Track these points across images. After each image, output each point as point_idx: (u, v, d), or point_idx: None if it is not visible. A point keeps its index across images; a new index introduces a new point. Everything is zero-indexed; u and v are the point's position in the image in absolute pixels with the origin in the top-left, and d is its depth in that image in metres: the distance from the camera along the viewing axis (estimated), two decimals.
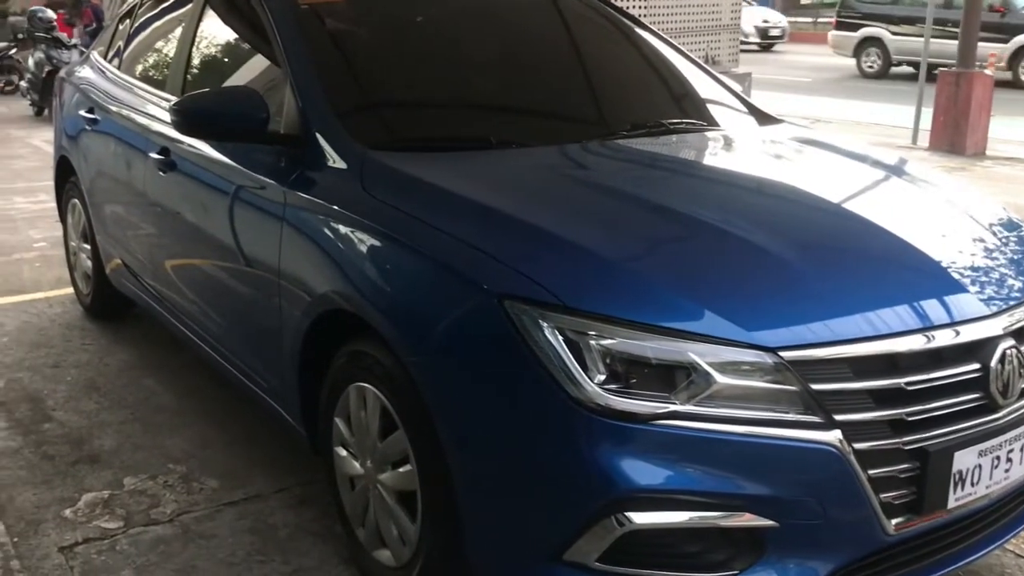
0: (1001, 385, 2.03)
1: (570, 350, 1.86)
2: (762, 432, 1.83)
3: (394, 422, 2.24)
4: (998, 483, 2.06)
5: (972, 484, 2.01)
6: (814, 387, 1.85)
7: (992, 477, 2.04)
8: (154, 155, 3.34)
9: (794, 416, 1.85)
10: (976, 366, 2.02)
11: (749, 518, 1.86)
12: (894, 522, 1.93)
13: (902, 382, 1.92)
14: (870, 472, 1.87)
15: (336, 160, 2.56)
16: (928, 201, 2.68)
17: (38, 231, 6.16)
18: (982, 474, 2.02)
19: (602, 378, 1.84)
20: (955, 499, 1.99)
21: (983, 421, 2.01)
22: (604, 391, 1.83)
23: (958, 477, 1.98)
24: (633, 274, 2.01)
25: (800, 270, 2.08)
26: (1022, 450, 2.09)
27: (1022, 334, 2.11)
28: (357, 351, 2.35)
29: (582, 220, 2.23)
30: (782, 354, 1.85)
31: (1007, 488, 2.11)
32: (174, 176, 3.26)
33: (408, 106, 2.99)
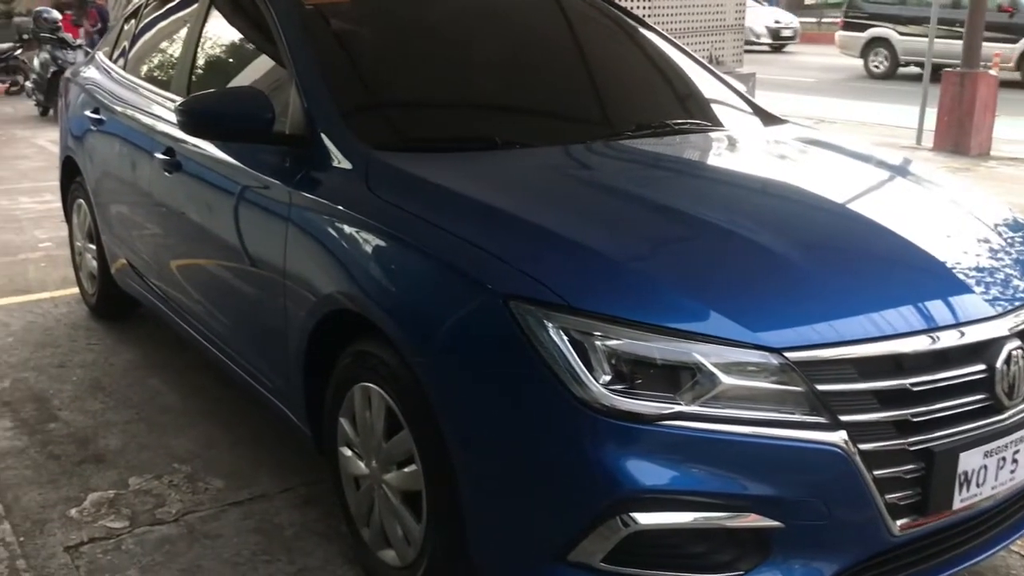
0: (1007, 386, 2.03)
1: (575, 350, 1.86)
2: (767, 433, 1.83)
3: (399, 422, 2.24)
4: (1004, 484, 2.06)
5: (978, 485, 2.00)
6: (819, 388, 1.85)
7: (998, 478, 2.04)
8: (159, 155, 3.35)
9: (799, 417, 1.85)
10: (982, 367, 2.01)
11: (754, 519, 1.86)
12: (899, 523, 1.93)
13: (907, 383, 1.92)
14: (875, 473, 1.87)
15: (341, 160, 2.56)
16: (933, 201, 2.68)
17: (43, 231, 6.17)
18: (988, 475, 2.02)
19: (607, 378, 1.84)
20: (961, 500, 1.99)
21: (989, 422, 2.01)
22: (609, 391, 1.83)
23: (964, 478, 1.97)
24: (638, 274, 2.02)
25: (805, 271, 2.08)
26: None
27: None
28: (362, 351, 2.35)
29: (587, 220, 2.23)
30: (787, 355, 1.85)
31: (1013, 489, 2.11)
32: (179, 176, 3.26)
33: (413, 106, 2.99)
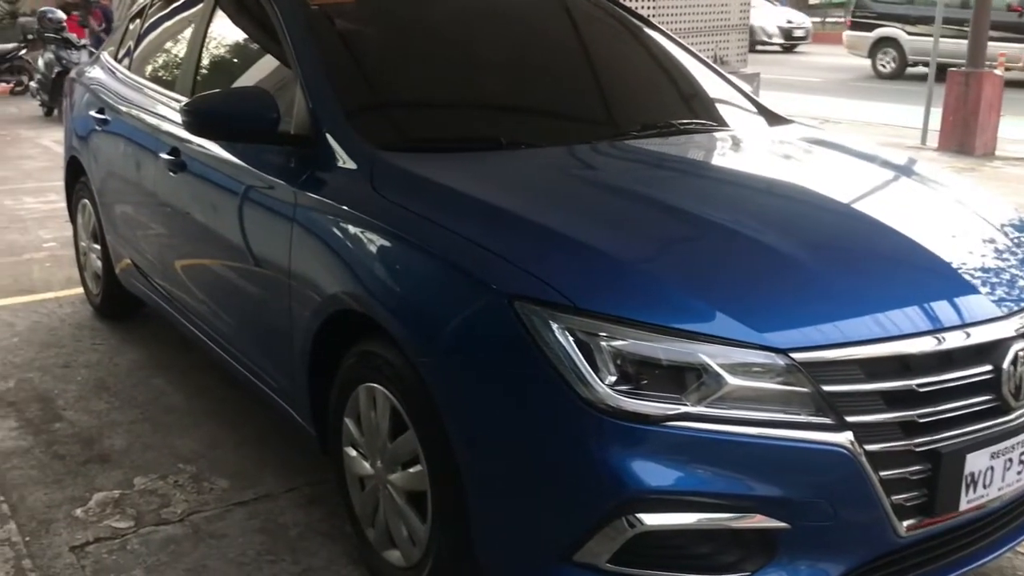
0: (1013, 387, 2.02)
1: (580, 351, 1.86)
2: (773, 434, 1.83)
3: (404, 422, 2.24)
4: (1010, 485, 2.06)
5: (984, 486, 2.00)
6: (825, 388, 1.85)
7: (1004, 479, 2.04)
8: (164, 155, 3.35)
9: (805, 418, 1.84)
10: (988, 368, 2.01)
11: (760, 520, 1.85)
12: (906, 524, 1.92)
13: (914, 384, 1.92)
14: (881, 474, 1.87)
15: (346, 160, 2.56)
16: (939, 202, 2.67)
17: (48, 231, 6.18)
18: (994, 476, 2.01)
19: (613, 379, 1.84)
20: (967, 501, 1.98)
21: (995, 423, 2.00)
22: (615, 392, 1.83)
23: (970, 479, 1.97)
24: (644, 275, 2.01)
25: (811, 271, 2.08)
26: None
27: None
28: (367, 351, 2.35)
29: (592, 221, 2.23)
30: (793, 355, 1.85)
31: (1020, 490, 2.10)
32: (184, 176, 3.27)
33: (418, 106, 2.99)
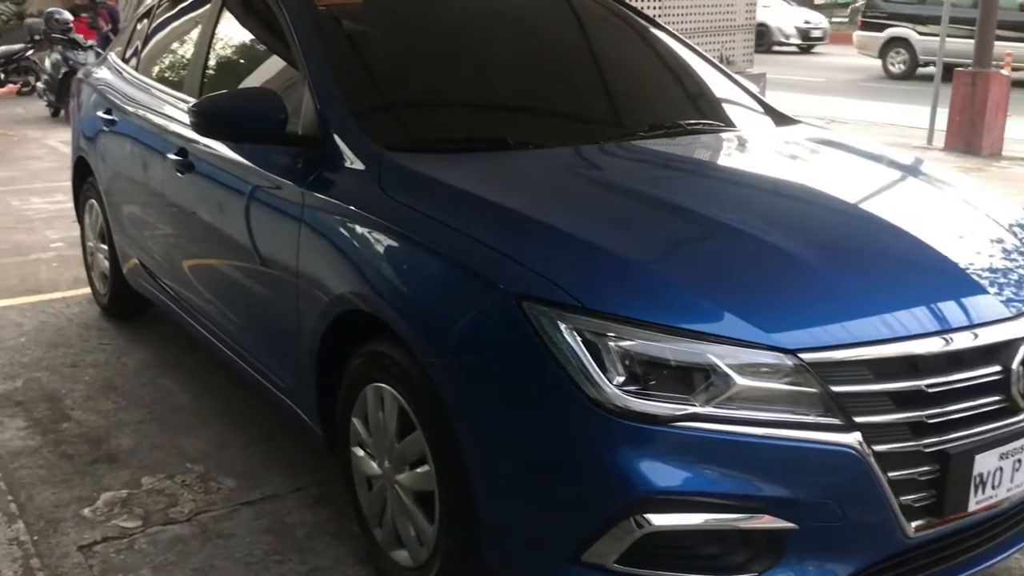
0: (1022, 387, 2.01)
1: (589, 351, 1.86)
2: (781, 434, 1.83)
3: (412, 423, 2.24)
4: (1019, 486, 2.05)
5: (993, 487, 2.00)
6: (834, 389, 1.85)
7: (1013, 480, 2.03)
8: (172, 156, 3.36)
9: (814, 418, 1.84)
10: (997, 368, 2.00)
11: (768, 520, 1.85)
12: (914, 525, 1.92)
13: (922, 384, 1.91)
14: (890, 474, 1.87)
15: (354, 161, 2.56)
16: (946, 202, 2.67)
17: (55, 231, 6.19)
18: (1003, 477, 2.01)
19: (621, 379, 1.84)
20: (976, 502, 1.98)
21: (1004, 423, 2.00)
22: (623, 392, 1.83)
23: (979, 480, 1.97)
24: (652, 275, 2.01)
25: (819, 271, 2.07)
26: None
27: None
28: (375, 352, 2.35)
29: (600, 221, 2.23)
30: (801, 356, 1.85)
31: None
32: (192, 177, 3.27)
33: (425, 107, 2.99)
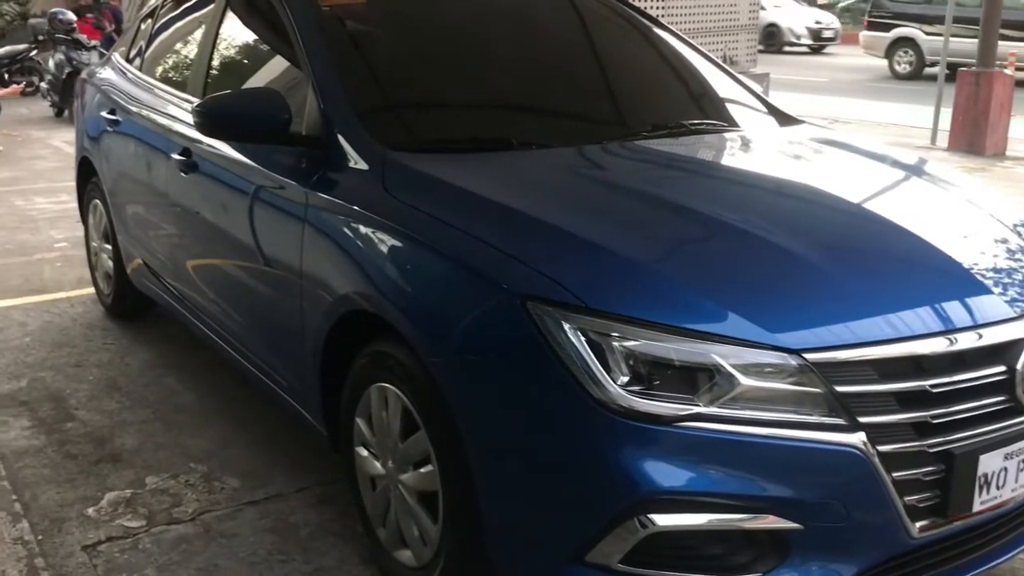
0: None
1: (593, 351, 1.86)
2: (786, 434, 1.83)
3: (415, 422, 2.24)
4: None
5: (998, 487, 1.99)
6: (838, 389, 1.85)
7: (1018, 480, 2.03)
8: (176, 156, 3.36)
9: (818, 418, 1.84)
10: (1001, 368, 2.00)
11: (773, 520, 1.85)
12: (918, 525, 1.92)
13: (927, 384, 1.91)
14: (894, 475, 1.87)
15: (357, 161, 2.56)
16: (950, 202, 2.66)
17: (59, 231, 6.20)
18: (1008, 477, 2.01)
19: (625, 379, 1.84)
20: (980, 502, 1.98)
21: (1009, 423, 2.00)
22: (627, 392, 1.83)
23: (983, 480, 1.96)
24: (656, 275, 2.01)
25: (823, 271, 2.07)
26: None
27: None
28: (379, 352, 2.35)
29: (604, 221, 2.23)
30: (806, 356, 1.85)
31: None
32: (196, 177, 3.28)
33: (429, 107, 2.99)
